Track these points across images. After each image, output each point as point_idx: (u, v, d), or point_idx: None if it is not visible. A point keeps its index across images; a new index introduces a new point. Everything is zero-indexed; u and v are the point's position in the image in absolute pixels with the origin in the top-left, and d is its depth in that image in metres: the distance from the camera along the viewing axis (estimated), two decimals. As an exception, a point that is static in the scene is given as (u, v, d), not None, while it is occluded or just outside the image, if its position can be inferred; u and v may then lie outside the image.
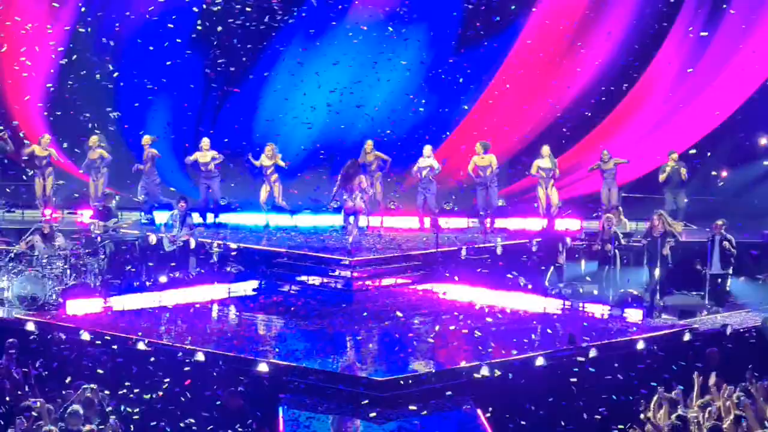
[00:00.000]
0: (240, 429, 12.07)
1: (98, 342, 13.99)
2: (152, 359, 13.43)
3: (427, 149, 19.90)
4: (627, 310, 15.62)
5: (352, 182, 17.40)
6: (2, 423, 11.32)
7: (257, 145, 20.51)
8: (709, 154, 20.51)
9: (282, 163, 20.01)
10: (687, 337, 14.91)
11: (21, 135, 19.75)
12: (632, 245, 17.19)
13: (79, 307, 15.23)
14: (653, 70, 21.43)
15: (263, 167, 20.00)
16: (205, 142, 19.93)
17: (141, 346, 13.85)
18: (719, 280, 16.61)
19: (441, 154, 20.80)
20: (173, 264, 16.90)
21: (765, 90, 20.40)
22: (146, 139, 19.77)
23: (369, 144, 20.09)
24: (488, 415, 12.33)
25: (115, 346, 13.87)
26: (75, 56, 20.19)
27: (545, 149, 19.90)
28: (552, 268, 17.22)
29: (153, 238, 17.12)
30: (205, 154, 19.81)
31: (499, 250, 17.97)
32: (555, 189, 19.92)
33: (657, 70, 21.41)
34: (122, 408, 12.08)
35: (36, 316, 14.93)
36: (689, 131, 20.99)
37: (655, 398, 11.71)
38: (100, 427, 11.04)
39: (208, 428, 12.06)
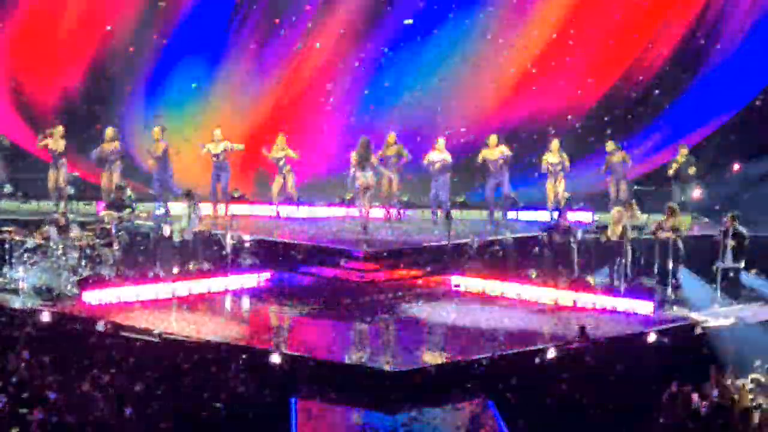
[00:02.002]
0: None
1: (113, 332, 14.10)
2: (164, 350, 13.52)
3: (440, 142, 19.93)
4: (638, 303, 15.67)
5: (369, 160, 17.92)
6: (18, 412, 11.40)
7: None
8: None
9: (293, 155, 20.11)
10: (698, 330, 14.93)
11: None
12: (644, 238, 17.19)
13: (94, 297, 15.36)
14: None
15: (275, 159, 20.15)
16: (218, 133, 20.02)
17: (154, 337, 13.94)
18: (731, 273, 16.61)
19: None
20: (186, 255, 16.97)
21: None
22: (156, 132, 19.84)
23: (392, 136, 20.11)
24: (501, 406, 12.38)
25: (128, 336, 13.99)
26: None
27: (554, 144, 19.97)
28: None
29: (167, 230, 17.20)
30: (218, 145, 19.91)
31: (509, 243, 18.00)
32: (563, 182, 19.94)
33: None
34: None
35: (51, 306, 15.02)
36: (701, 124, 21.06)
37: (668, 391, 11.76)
38: None
39: (220, 419, 12.11)
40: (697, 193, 19.82)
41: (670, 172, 19.77)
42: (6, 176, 20.59)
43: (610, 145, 20.03)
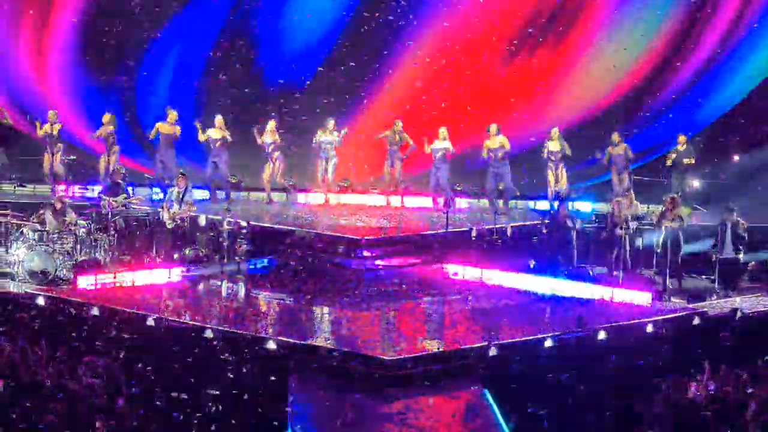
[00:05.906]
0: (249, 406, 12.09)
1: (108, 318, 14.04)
2: (161, 336, 13.47)
3: (443, 130, 19.88)
4: (637, 293, 15.61)
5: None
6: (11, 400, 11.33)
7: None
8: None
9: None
10: (696, 321, 14.87)
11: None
12: (643, 228, 17.14)
13: (89, 282, 15.29)
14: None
15: (265, 144, 20.09)
16: (219, 119, 19.94)
17: (150, 322, 13.89)
18: (730, 264, 16.53)
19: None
20: (181, 241, 16.90)
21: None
22: (173, 116, 19.81)
23: (399, 124, 20.09)
24: (496, 395, 12.34)
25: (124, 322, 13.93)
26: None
27: (554, 131, 19.86)
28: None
29: (164, 215, 17.12)
30: (218, 131, 19.85)
31: (508, 232, 17.97)
32: (564, 172, 19.84)
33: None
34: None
35: (46, 291, 14.96)
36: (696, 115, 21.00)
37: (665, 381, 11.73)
38: None
39: (217, 406, 12.07)
40: (695, 183, 19.78)
41: (669, 162, 19.70)
42: (5, 158, 20.56)
43: (615, 137, 19.86)
